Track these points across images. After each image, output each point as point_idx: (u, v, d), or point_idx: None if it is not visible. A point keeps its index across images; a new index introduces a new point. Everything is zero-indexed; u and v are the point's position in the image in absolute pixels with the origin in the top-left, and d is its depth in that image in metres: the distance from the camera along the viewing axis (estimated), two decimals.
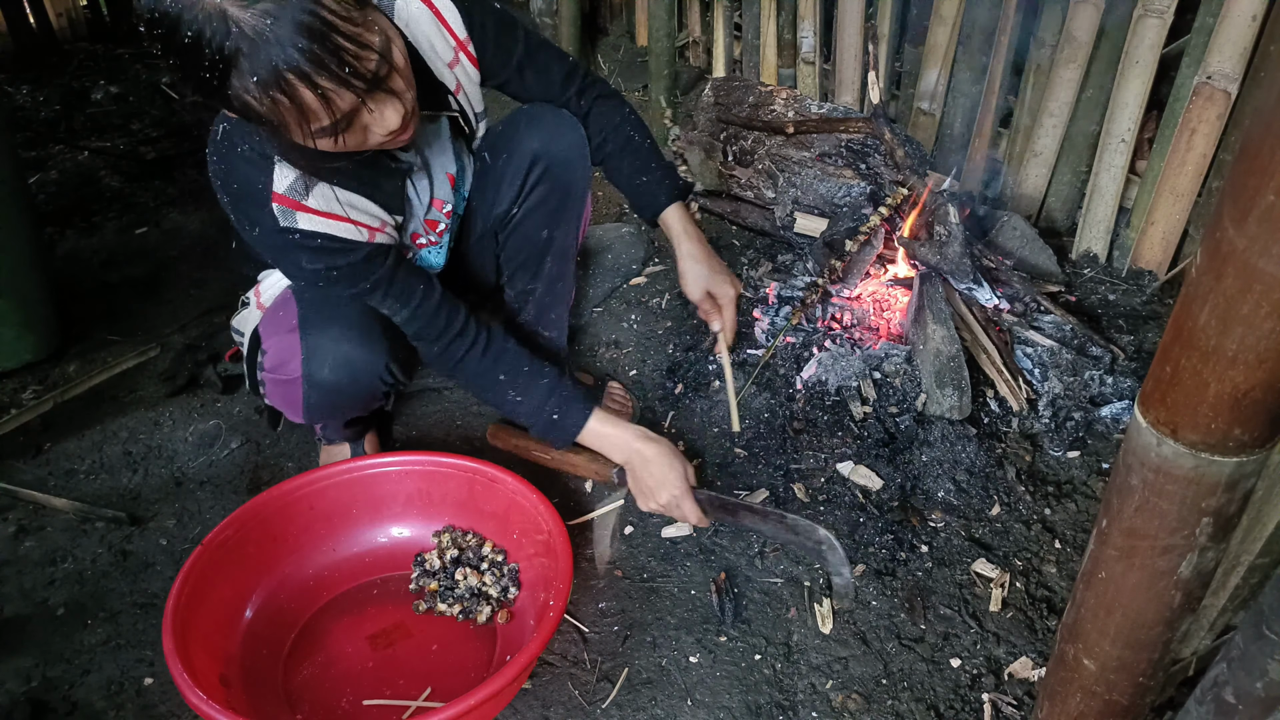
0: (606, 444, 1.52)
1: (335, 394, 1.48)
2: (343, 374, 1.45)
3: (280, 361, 1.48)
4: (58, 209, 2.90)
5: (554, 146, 1.60)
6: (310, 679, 1.39)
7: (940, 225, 1.95)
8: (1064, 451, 1.75)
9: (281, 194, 1.29)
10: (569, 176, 1.63)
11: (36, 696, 1.41)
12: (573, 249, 1.77)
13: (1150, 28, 1.98)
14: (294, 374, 1.46)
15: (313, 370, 1.45)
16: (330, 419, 1.63)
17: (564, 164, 1.61)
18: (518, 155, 1.61)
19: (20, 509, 1.75)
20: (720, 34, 3.17)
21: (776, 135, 2.37)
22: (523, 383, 1.50)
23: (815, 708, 1.34)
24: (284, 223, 1.30)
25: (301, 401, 1.50)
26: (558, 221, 1.69)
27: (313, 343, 1.44)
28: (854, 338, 1.89)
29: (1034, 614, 1.46)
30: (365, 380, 1.48)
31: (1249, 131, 0.59)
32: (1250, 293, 0.61)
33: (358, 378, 1.47)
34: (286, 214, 1.30)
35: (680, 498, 1.48)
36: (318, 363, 1.44)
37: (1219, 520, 0.76)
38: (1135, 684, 0.91)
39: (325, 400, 1.50)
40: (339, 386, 1.47)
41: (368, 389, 1.51)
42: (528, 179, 1.62)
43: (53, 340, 2.17)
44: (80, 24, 4.34)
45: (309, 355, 1.44)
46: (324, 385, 1.46)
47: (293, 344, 1.45)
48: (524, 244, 1.72)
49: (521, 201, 1.65)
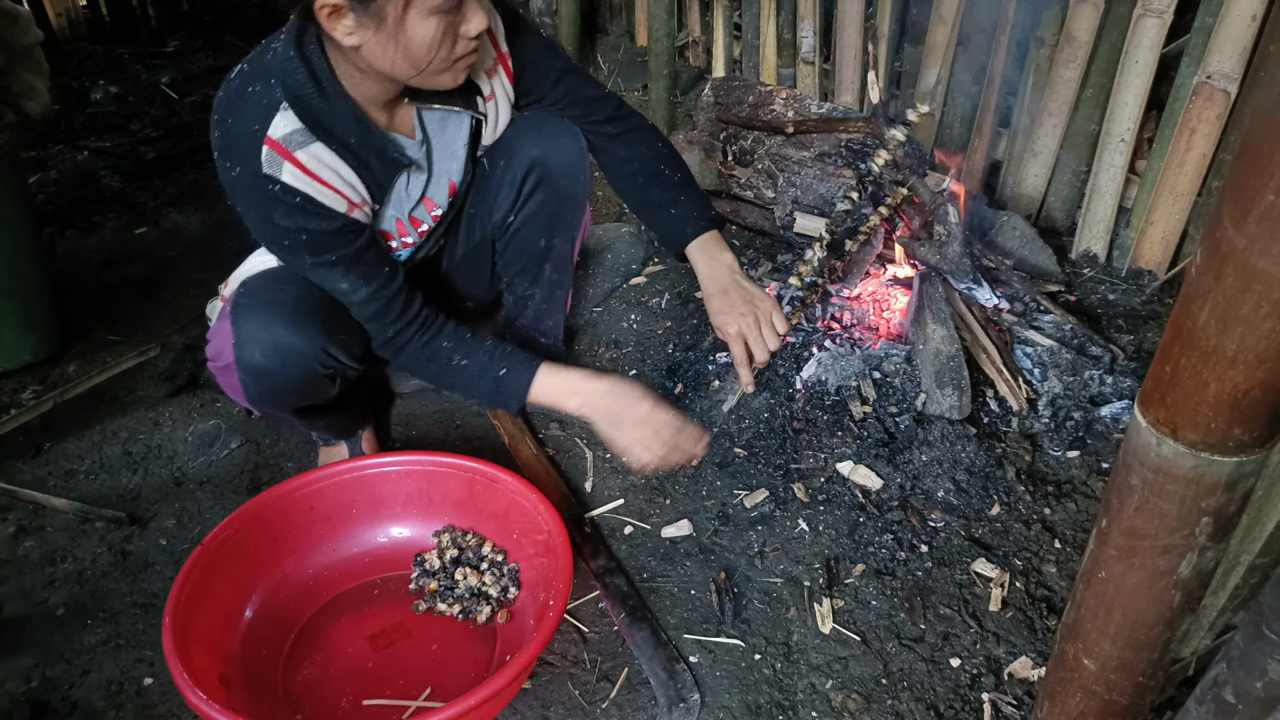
0: (556, 395, 1.49)
1: (270, 379, 1.45)
2: (274, 359, 1.42)
3: (217, 350, 1.47)
4: (58, 209, 2.90)
5: (552, 154, 1.59)
6: (310, 679, 1.39)
7: (940, 225, 1.95)
8: (1064, 451, 1.75)
9: (275, 140, 1.28)
10: (568, 185, 1.62)
11: (36, 696, 1.41)
12: (571, 256, 1.77)
13: (1150, 27, 1.98)
14: (228, 360, 1.44)
15: (244, 355, 1.42)
16: (276, 407, 1.57)
17: (562, 172, 1.60)
18: (516, 163, 1.60)
19: (20, 509, 1.75)
20: (720, 34, 3.17)
21: (776, 135, 2.37)
22: (465, 348, 1.49)
23: (815, 707, 1.34)
24: (268, 169, 1.28)
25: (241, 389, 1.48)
26: (556, 229, 1.69)
27: (243, 328, 1.42)
28: (854, 337, 1.89)
29: (1034, 614, 1.46)
30: (300, 364, 1.44)
31: (1249, 131, 0.59)
32: (1250, 293, 0.61)
33: (290, 361, 1.43)
34: (273, 161, 1.29)
35: (653, 410, 1.44)
36: (249, 348, 1.42)
37: (1219, 520, 0.76)
38: (1135, 684, 0.91)
39: (263, 386, 1.47)
40: (272, 371, 1.43)
41: (305, 373, 1.46)
42: (524, 186, 1.61)
43: (53, 340, 2.17)
44: (80, 24, 4.35)
45: (239, 340, 1.42)
46: (257, 370, 1.43)
47: (225, 330, 1.43)
48: (522, 252, 1.72)
49: (519, 209, 1.65)
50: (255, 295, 1.44)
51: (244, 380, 1.45)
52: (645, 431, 1.46)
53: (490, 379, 1.48)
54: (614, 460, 1.82)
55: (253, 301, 1.43)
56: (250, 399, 1.50)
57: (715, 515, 1.67)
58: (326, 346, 1.44)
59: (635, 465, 1.49)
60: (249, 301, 1.43)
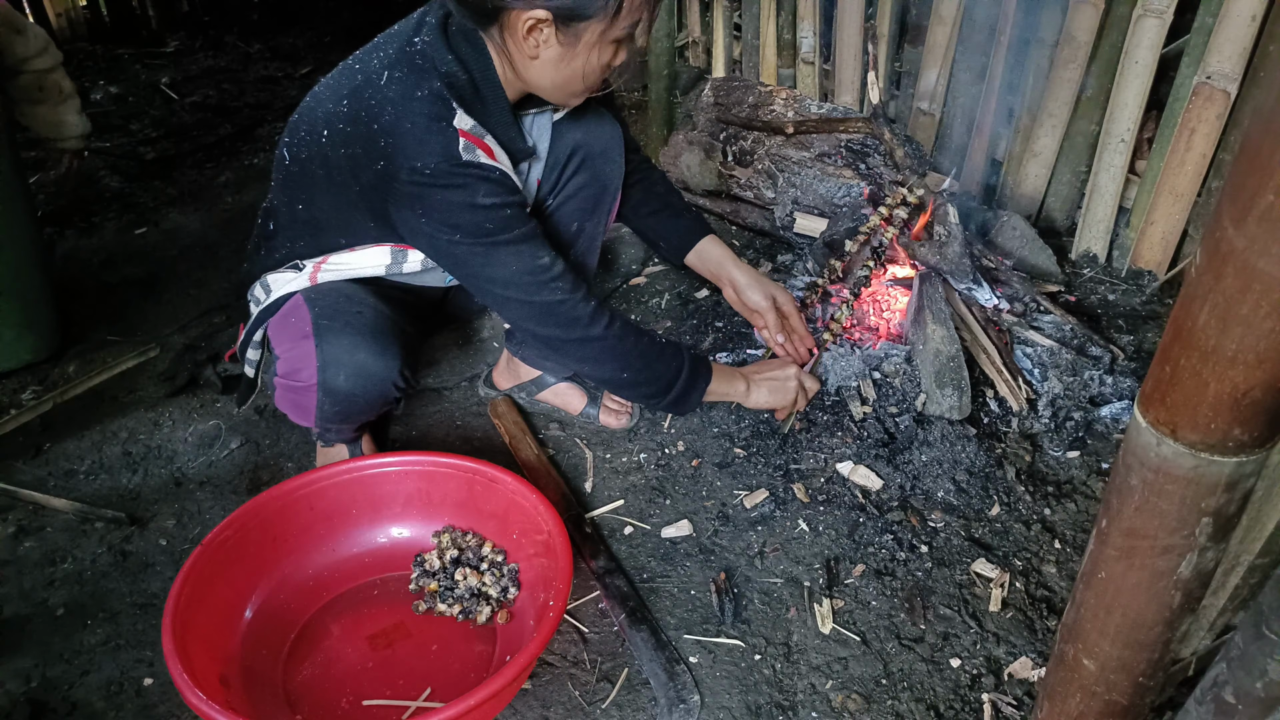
0: (725, 380, 1.61)
1: (350, 402, 1.49)
2: (358, 383, 1.45)
3: (293, 369, 1.48)
4: (58, 209, 2.90)
5: (594, 139, 1.61)
6: (310, 679, 1.39)
7: (940, 225, 1.95)
8: (1064, 451, 1.75)
9: (466, 131, 1.35)
10: (607, 169, 1.64)
11: (36, 697, 1.41)
12: (598, 242, 1.78)
13: (1150, 28, 1.99)
14: (307, 381, 1.46)
15: (328, 379, 1.45)
16: (342, 425, 1.63)
17: (603, 155, 1.62)
18: (558, 147, 1.61)
19: (20, 509, 1.75)
20: (720, 34, 3.17)
21: (776, 135, 2.37)
22: (649, 340, 1.52)
23: (815, 708, 1.34)
24: (466, 156, 1.33)
25: (315, 409, 1.50)
26: (590, 213, 1.69)
27: (328, 351, 1.44)
28: (854, 338, 1.89)
29: (1034, 614, 1.46)
30: (379, 388, 1.48)
31: (1249, 131, 0.59)
32: (1250, 293, 0.61)
33: (372, 386, 1.47)
34: (470, 149, 1.34)
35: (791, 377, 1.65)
36: (333, 371, 1.44)
37: (1219, 520, 0.76)
38: (1135, 684, 0.91)
39: (339, 408, 1.50)
40: (354, 394, 1.47)
41: (381, 396, 1.51)
42: (565, 169, 1.63)
43: (53, 340, 2.17)
44: (80, 24, 4.35)
45: (325, 364, 1.44)
46: (339, 393, 1.46)
47: (306, 351, 1.45)
48: (553, 234, 1.72)
49: (557, 192, 1.65)
50: (337, 317, 1.46)
51: (322, 401, 1.48)
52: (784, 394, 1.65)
53: (682, 355, 1.54)
54: (614, 460, 1.83)
55: (335, 324, 1.45)
56: (321, 418, 1.52)
57: (715, 515, 1.67)
58: (403, 369, 1.49)
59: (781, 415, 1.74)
60: (332, 324, 1.45)
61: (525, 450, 1.81)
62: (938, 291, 1.86)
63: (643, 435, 1.88)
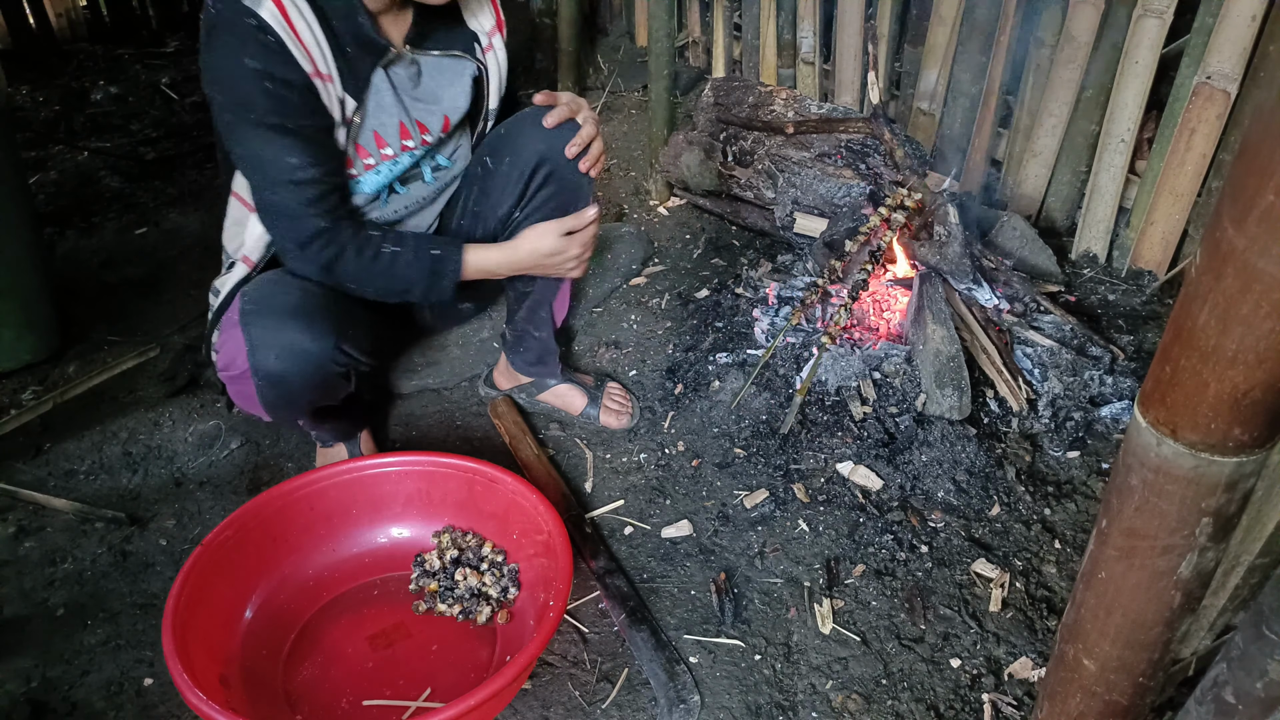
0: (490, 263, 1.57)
1: (285, 383, 1.44)
2: (290, 361, 1.41)
3: (230, 359, 1.45)
4: (58, 209, 2.90)
5: (559, 148, 1.60)
6: (310, 679, 1.39)
7: (940, 225, 1.95)
8: (1064, 451, 1.75)
9: None
10: (575, 177, 1.63)
11: (36, 697, 1.41)
12: None
13: (1150, 28, 1.99)
14: (241, 368, 1.42)
15: (259, 360, 1.40)
16: (293, 411, 1.57)
17: (570, 164, 1.61)
18: (524, 158, 1.60)
19: (20, 509, 1.75)
20: (720, 34, 3.17)
21: (776, 135, 2.37)
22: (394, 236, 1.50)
23: (815, 708, 1.34)
24: (248, 2, 1.27)
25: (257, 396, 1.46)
26: None
27: (255, 334, 1.40)
28: (854, 338, 1.89)
29: (1034, 614, 1.46)
30: (316, 364, 1.43)
31: (1249, 131, 0.59)
32: (1250, 293, 0.61)
33: (307, 362, 1.42)
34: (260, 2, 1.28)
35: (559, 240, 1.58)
36: (263, 353, 1.40)
37: (1219, 520, 0.76)
38: (1135, 684, 0.91)
39: (279, 391, 1.45)
40: (287, 374, 1.42)
41: (319, 372, 1.45)
42: (532, 181, 1.62)
43: (53, 341, 2.17)
44: (80, 24, 4.34)
45: (253, 346, 1.40)
46: (273, 374, 1.42)
47: (235, 338, 1.42)
48: None
49: (525, 204, 1.65)
50: (261, 301, 1.43)
51: (260, 387, 1.44)
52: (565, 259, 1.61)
53: (425, 258, 1.50)
54: (614, 460, 1.83)
55: (260, 307, 1.42)
56: (265, 405, 1.48)
57: (715, 515, 1.67)
58: (339, 343, 1.44)
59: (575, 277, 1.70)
60: (256, 308, 1.42)
61: (525, 450, 1.81)
62: (938, 291, 1.86)
63: (643, 435, 1.88)
